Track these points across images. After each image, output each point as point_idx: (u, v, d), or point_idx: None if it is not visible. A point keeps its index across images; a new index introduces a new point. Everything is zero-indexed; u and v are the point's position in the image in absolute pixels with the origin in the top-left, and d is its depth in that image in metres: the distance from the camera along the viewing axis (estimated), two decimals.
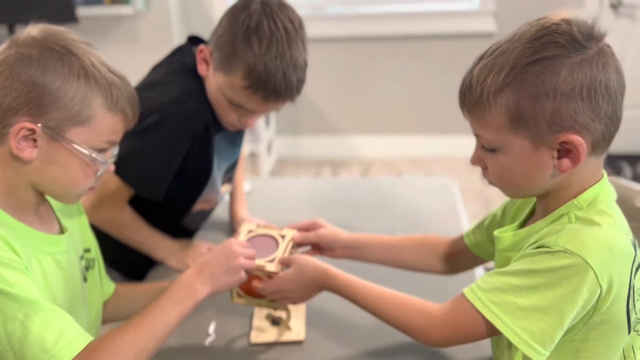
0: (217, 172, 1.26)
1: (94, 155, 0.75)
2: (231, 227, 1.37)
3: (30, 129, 0.71)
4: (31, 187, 0.76)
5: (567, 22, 0.67)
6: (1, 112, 0.70)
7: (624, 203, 1.26)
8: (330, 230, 1.02)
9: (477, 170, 0.81)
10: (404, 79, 3.27)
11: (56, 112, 0.71)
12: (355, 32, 3.17)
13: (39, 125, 0.71)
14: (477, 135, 0.75)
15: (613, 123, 0.69)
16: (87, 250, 0.89)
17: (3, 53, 0.72)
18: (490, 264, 0.97)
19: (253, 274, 0.90)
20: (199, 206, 1.28)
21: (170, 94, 1.09)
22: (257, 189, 1.55)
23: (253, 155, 3.10)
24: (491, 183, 0.76)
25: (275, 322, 1.01)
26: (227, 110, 1.11)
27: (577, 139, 0.66)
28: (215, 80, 1.08)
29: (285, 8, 1.04)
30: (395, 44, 3.19)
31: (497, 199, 2.93)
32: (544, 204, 0.76)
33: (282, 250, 0.93)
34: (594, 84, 0.65)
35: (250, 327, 1.03)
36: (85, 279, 0.87)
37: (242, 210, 1.37)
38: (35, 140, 0.72)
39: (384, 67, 3.25)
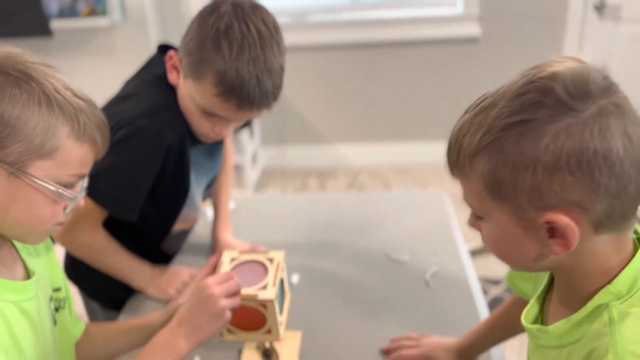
0: (196, 188, 1.19)
1: (60, 190, 0.67)
2: (212, 251, 1.30)
3: None
4: None
5: (555, 76, 0.55)
6: None
7: None
8: (436, 341, 0.97)
9: None
10: (389, 86, 3.23)
11: (15, 145, 0.63)
12: (339, 39, 3.13)
13: None
14: (464, 200, 0.64)
15: (621, 199, 0.54)
16: (56, 290, 0.81)
17: None
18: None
19: (244, 305, 0.83)
20: (178, 226, 1.21)
21: (141, 106, 1.02)
22: (241, 207, 1.48)
23: (237, 167, 3.03)
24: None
25: (266, 354, 0.94)
26: (199, 119, 1.03)
27: (563, 220, 0.54)
28: (186, 89, 1.01)
29: (258, 10, 0.97)
30: (380, 51, 3.16)
31: None
32: (563, 281, 0.64)
33: (273, 275, 0.86)
34: (586, 155, 0.52)
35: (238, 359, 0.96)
36: (55, 322, 0.79)
37: (226, 234, 1.30)
38: None
39: (369, 74, 3.21)
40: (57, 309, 0.80)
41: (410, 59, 3.17)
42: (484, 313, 1.06)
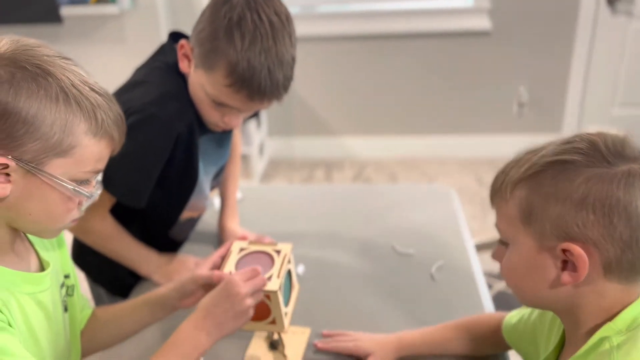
0: (205, 177, 1.19)
1: (77, 189, 0.66)
2: (220, 240, 1.31)
3: (2, 164, 0.61)
4: (5, 225, 0.68)
5: (601, 134, 0.65)
6: None
7: None
8: (370, 338, 0.96)
9: (473, 171, 0.78)
10: (398, 79, 3.22)
11: (33, 144, 0.61)
12: (348, 30, 3.11)
13: (13, 158, 0.61)
14: (496, 227, 0.72)
15: (633, 250, 0.62)
16: (66, 277, 0.82)
17: None
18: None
19: None
20: (186, 214, 1.22)
21: (151, 94, 1.02)
22: (247, 197, 1.49)
23: (244, 158, 3.03)
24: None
25: (273, 345, 0.94)
26: (209, 109, 1.04)
27: (578, 250, 0.62)
28: (197, 78, 1.02)
29: (270, 0, 0.97)
30: (389, 43, 3.14)
31: None
32: (570, 322, 0.70)
33: (279, 267, 0.86)
34: (610, 201, 0.61)
35: (245, 349, 0.97)
36: (66, 309, 0.80)
37: (232, 223, 1.30)
38: (8, 175, 0.62)
39: (377, 66, 3.20)
40: (67, 296, 0.81)
41: (420, 52, 3.15)
42: (489, 307, 1.06)
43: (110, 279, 1.25)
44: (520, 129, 3.29)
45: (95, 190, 0.71)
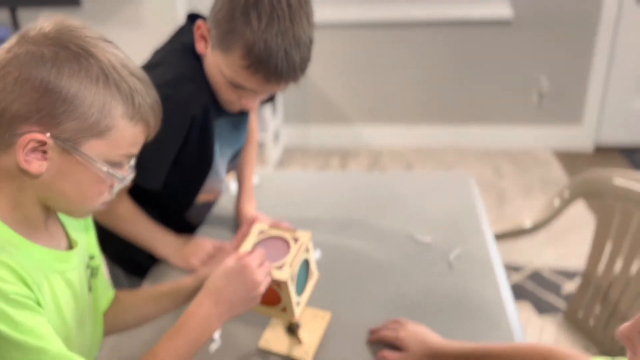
0: (220, 160, 1.19)
1: (111, 171, 0.67)
2: (236, 224, 1.30)
3: (40, 141, 0.62)
4: (39, 202, 0.68)
5: None
6: (7, 119, 0.62)
7: None
8: (413, 332, 0.90)
9: (490, 162, 0.71)
10: (415, 67, 3.18)
11: (71, 122, 0.62)
12: (366, 17, 3.08)
13: (51, 136, 0.62)
14: None
15: None
16: (91, 258, 0.83)
17: (11, 50, 0.63)
18: None
19: None
20: (202, 197, 1.22)
21: (166, 75, 1.01)
22: (264, 183, 1.48)
23: (259, 144, 3.03)
24: None
25: (290, 329, 0.94)
26: (226, 90, 1.03)
27: None
28: (214, 60, 1.01)
29: None
30: (407, 31, 3.10)
31: (510, 191, 2.86)
32: None
33: (293, 255, 0.86)
34: None
35: (263, 330, 0.97)
36: (90, 289, 0.81)
37: (249, 207, 1.30)
38: (45, 152, 0.63)
39: (395, 54, 3.17)
40: (91, 276, 0.82)
41: (439, 40, 3.11)
42: (507, 296, 1.05)
43: (128, 260, 1.26)
44: (540, 119, 3.24)
45: (127, 174, 0.71)
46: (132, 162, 0.73)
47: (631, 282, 1.29)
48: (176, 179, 1.11)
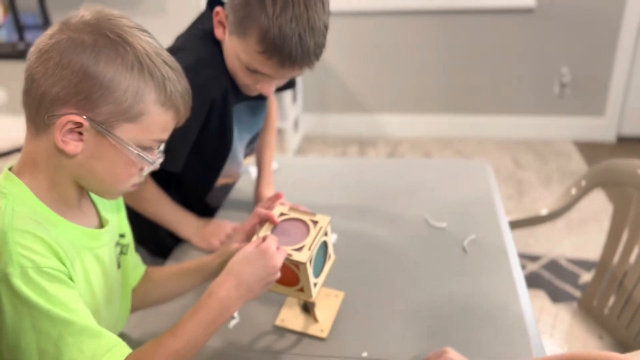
0: (239, 144, 1.22)
1: (142, 154, 0.71)
2: (255, 207, 1.34)
3: (77, 123, 0.66)
4: (73, 182, 0.72)
5: None
6: (47, 101, 0.66)
7: None
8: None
9: (510, 152, 0.72)
10: (435, 56, 3.17)
11: (106, 106, 0.66)
12: (386, 6, 3.08)
13: (87, 118, 0.66)
14: None
15: None
16: (121, 236, 0.87)
17: (54, 37, 0.66)
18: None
19: None
20: (221, 180, 1.26)
21: (186, 60, 1.03)
22: (282, 168, 1.51)
23: (279, 132, 3.06)
24: None
25: (305, 308, 0.97)
26: (243, 75, 1.06)
27: None
28: (231, 45, 1.04)
29: None
30: (427, 19, 3.09)
31: (530, 181, 2.85)
32: None
33: (312, 238, 0.88)
34: None
35: (279, 309, 1.00)
36: (119, 266, 0.85)
37: (268, 191, 1.33)
38: (81, 134, 0.67)
39: (415, 43, 3.16)
40: (121, 254, 0.86)
41: (460, 28, 3.09)
42: (521, 284, 1.06)
43: (152, 240, 1.30)
44: (561, 110, 3.21)
45: (157, 158, 0.74)
46: (162, 147, 0.76)
47: None
48: (196, 162, 1.14)
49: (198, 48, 1.08)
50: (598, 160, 2.95)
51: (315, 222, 0.91)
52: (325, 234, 0.92)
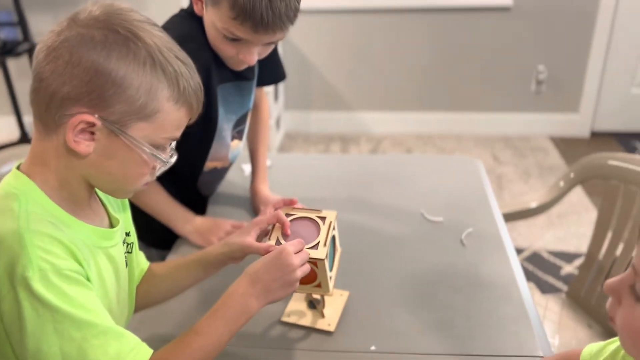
0: (226, 125, 1.22)
1: (155, 154, 0.69)
2: (251, 203, 1.33)
3: (89, 122, 0.64)
4: (84, 181, 0.70)
5: None
6: (58, 100, 0.63)
7: None
8: None
9: (489, 148, 0.73)
10: (416, 54, 3.21)
11: (119, 105, 0.64)
12: (367, 4, 3.09)
13: (100, 118, 0.64)
14: (635, 271, 0.58)
15: None
16: (127, 234, 0.85)
17: (62, 34, 0.64)
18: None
19: None
20: (210, 164, 1.25)
21: None
22: (275, 164, 1.51)
23: None
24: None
25: (312, 304, 0.97)
26: (224, 46, 1.07)
27: None
28: (208, 17, 1.05)
29: None
30: (408, 17, 3.12)
31: (509, 176, 2.90)
32: None
33: (325, 234, 0.89)
34: None
35: (284, 307, 1.00)
36: (126, 264, 0.83)
37: (264, 187, 1.33)
38: (93, 133, 0.65)
39: (395, 41, 3.19)
40: (128, 252, 0.84)
41: (439, 27, 3.13)
42: (518, 272, 1.09)
43: (147, 231, 1.28)
44: (538, 107, 3.28)
45: (169, 157, 0.72)
46: (173, 144, 0.74)
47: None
48: (182, 143, 1.13)
49: (180, 26, 1.09)
50: (574, 155, 3.04)
51: (322, 218, 0.92)
52: (334, 228, 0.93)
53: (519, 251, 2.30)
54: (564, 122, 3.30)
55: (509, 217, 1.50)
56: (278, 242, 0.88)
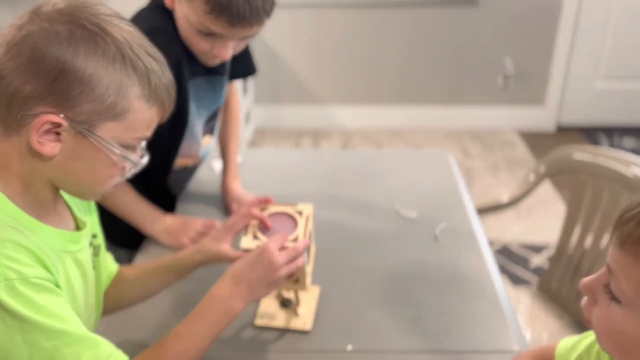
0: (197, 121, 1.18)
1: (125, 155, 0.65)
2: (223, 202, 1.30)
3: (55, 123, 0.60)
4: (49, 184, 0.67)
5: None
6: (20, 99, 0.59)
7: (617, 173, 1.28)
8: None
9: (458, 142, 0.73)
10: (385, 48, 3.21)
11: (87, 105, 0.60)
12: None
13: (66, 118, 0.60)
14: (609, 270, 0.57)
15: None
16: (94, 236, 0.81)
17: (23, 28, 0.59)
18: None
19: None
20: (180, 161, 1.22)
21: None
22: (246, 161, 1.48)
23: None
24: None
25: (284, 304, 0.96)
26: (198, 40, 1.04)
27: None
28: (181, 10, 1.02)
29: None
30: (376, 11, 3.12)
31: (478, 170, 2.94)
32: None
33: (303, 228, 0.87)
34: None
35: (256, 308, 0.98)
36: (94, 267, 0.80)
37: (236, 185, 1.30)
38: (58, 134, 0.61)
39: (364, 35, 3.18)
40: (95, 255, 0.81)
41: (407, 21, 3.14)
42: (492, 266, 1.09)
43: (114, 230, 1.24)
44: (505, 100, 3.33)
45: (140, 158, 0.69)
46: (144, 144, 0.71)
47: (601, 255, 1.35)
48: (152, 139, 1.10)
49: (149, 19, 1.05)
50: (541, 149, 3.10)
51: (299, 212, 0.90)
52: (310, 223, 0.91)
53: (489, 244, 2.33)
54: (530, 116, 3.36)
55: (481, 212, 1.51)
56: (255, 238, 0.86)
